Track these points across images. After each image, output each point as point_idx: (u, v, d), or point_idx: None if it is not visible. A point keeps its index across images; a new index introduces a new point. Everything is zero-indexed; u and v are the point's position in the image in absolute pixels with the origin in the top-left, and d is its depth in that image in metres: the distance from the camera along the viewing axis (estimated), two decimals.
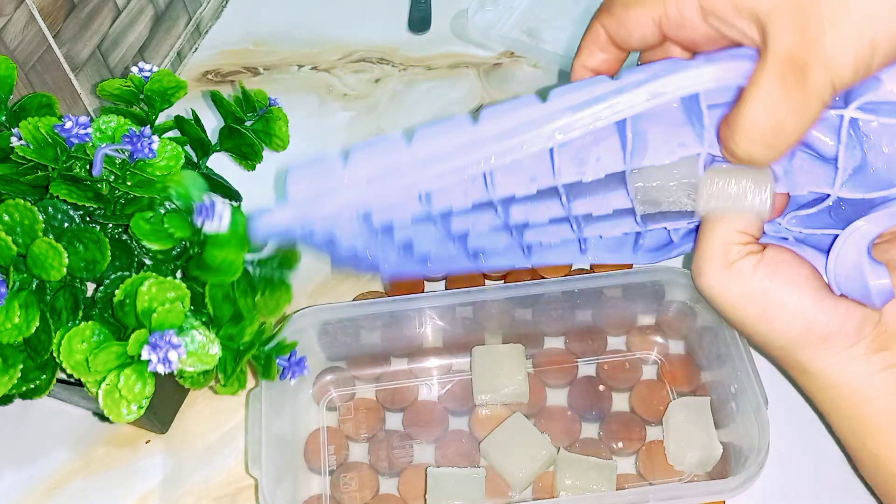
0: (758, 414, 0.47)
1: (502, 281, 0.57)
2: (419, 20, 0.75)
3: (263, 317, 0.44)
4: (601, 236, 0.45)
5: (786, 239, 0.42)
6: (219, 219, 0.40)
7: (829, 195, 0.39)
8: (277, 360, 0.44)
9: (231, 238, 0.41)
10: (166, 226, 0.40)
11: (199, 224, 0.40)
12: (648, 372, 0.55)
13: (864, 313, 0.39)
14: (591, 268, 0.57)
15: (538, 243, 0.46)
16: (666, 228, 0.43)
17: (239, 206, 0.50)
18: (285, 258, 0.45)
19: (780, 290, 0.39)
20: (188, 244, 0.42)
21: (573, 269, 0.57)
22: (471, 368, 0.54)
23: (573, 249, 0.47)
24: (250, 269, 0.44)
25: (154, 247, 0.40)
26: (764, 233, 0.41)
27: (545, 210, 0.42)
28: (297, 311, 0.52)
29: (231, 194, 0.51)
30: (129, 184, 0.42)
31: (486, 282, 0.57)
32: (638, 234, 0.45)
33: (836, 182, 0.38)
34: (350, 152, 0.40)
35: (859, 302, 0.39)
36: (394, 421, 0.53)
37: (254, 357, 0.43)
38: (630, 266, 0.55)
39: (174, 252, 0.44)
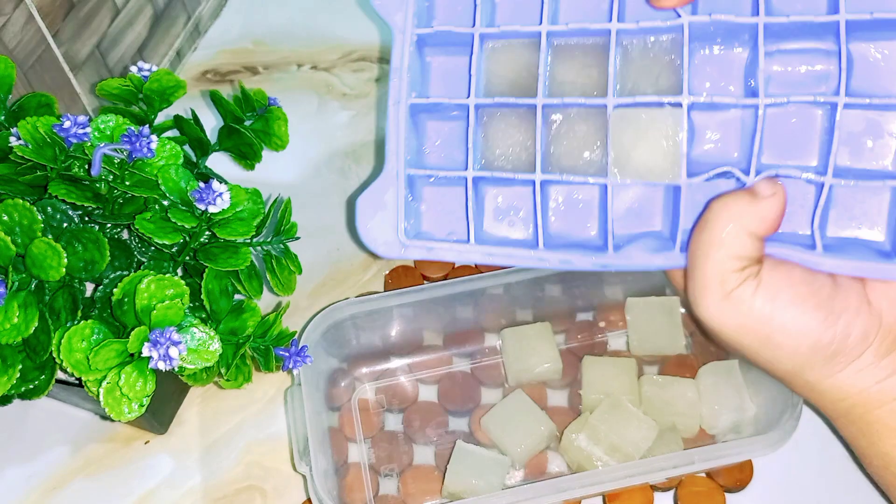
0: None
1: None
2: None
3: (280, 293, 0.45)
4: None
5: None
6: (220, 197, 0.40)
7: None
8: (279, 351, 0.44)
9: (235, 214, 0.42)
10: (172, 220, 0.40)
11: (202, 208, 0.40)
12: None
13: (866, 322, 0.38)
14: None
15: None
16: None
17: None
18: (284, 231, 0.46)
19: (784, 314, 0.38)
20: (188, 238, 0.42)
21: None
22: (501, 352, 0.54)
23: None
24: (252, 251, 0.44)
25: (165, 242, 0.40)
26: None
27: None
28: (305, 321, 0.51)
29: None
30: (127, 183, 0.42)
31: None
32: None
33: None
34: None
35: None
36: (394, 421, 0.53)
37: (253, 349, 0.43)
38: None
39: (173, 249, 0.44)
